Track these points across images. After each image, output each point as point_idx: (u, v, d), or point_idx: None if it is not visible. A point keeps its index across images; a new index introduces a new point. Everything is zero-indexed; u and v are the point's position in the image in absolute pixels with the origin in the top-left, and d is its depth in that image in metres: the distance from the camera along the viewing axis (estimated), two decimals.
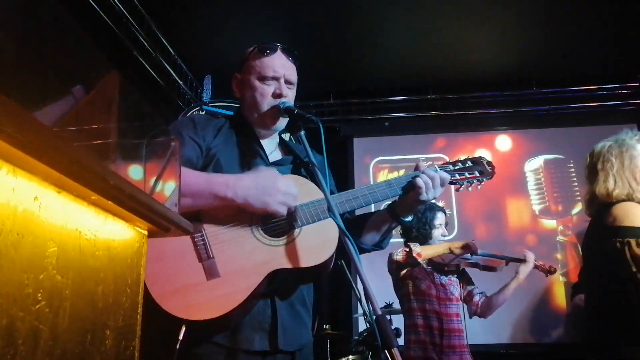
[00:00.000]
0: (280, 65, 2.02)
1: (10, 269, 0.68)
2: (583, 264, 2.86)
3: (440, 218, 4.01)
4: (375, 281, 1.51)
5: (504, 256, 4.02)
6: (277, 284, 1.81)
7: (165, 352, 1.58)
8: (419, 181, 1.92)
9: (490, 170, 2.19)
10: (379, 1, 5.16)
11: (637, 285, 2.31)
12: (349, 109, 6.91)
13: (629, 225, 2.41)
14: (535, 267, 4.01)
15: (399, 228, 4.19)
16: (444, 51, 6.07)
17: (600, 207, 2.62)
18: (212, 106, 5.95)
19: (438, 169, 2.03)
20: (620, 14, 5.33)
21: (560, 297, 6.13)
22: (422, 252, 3.67)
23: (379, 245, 2.15)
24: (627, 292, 2.36)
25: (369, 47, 5.94)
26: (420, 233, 3.95)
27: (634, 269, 2.31)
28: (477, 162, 2.20)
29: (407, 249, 3.71)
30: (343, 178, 6.53)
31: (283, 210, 1.75)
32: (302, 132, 1.89)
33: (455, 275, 3.94)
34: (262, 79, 2.01)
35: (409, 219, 2.06)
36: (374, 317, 1.40)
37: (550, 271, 4.09)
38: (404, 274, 3.84)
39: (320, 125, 1.79)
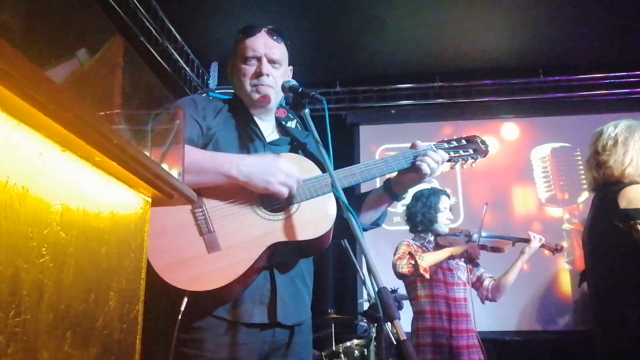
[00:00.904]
0: (261, 45, 2.04)
1: (15, 221, 0.69)
2: (588, 248, 2.84)
3: (444, 202, 4.00)
4: (380, 268, 1.53)
5: (511, 237, 4.03)
6: (277, 259, 1.83)
7: (167, 324, 1.60)
8: (424, 167, 1.96)
9: (484, 149, 2.20)
10: None
11: None
12: (355, 97, 6.91)
13: None
14: (542, 245, 3.99)
15: (403, 215, 4.23)
16: (451, 39, 6.05)
17: (609, 185, 2.61)
18: (218, 92, 5.96)
19: (434, 147, 2.05)
20: (628, 1, 5.30)
21: (565, 284, 6.12)
22: (428, 266, 3.66)
23: (376, 223, 2.18)
24: None
25: (375, 35, 5.92)
26: (425, 218, 3.95)
27: None
28: (471, 140, 2.21)
29: (413, 262, 3.69)
30: (349, 165, 6.52)
31: (284, 191, 1.77)
32: (307, 110, 1.90)
33: (463, 260, 3.94)
34: (244, 60, 2.04)
35: (405, 196, 2.09)
36: (376, 289, 1.41)
37: (556, 249, 4.05)
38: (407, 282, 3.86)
39: (325, 102, 1.81)
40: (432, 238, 3.98)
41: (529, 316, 6.05)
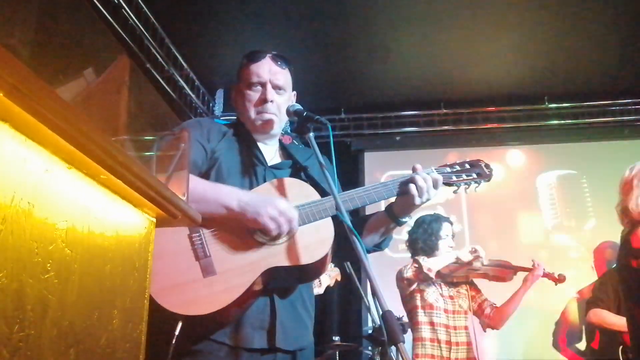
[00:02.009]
0: (265, 71, 2.06)
1: (21, 236, 0.70)
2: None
3: (446, 229, 3.97)
4: (385, 295, 1.52)
5: (513, 266, 3.99)
6: (276, 284, 1.83)
7: (163, 348, 1.60)
8: (412, 185, 1.94)
9: (488, 173, 2.17)
10: (391, 17, 5.20)
11: None
12: (360, 124, 6.93)
13: None
14: (545, 275, 3.96)
15: (405, 241, 4.21)
16: (456, 66, 6.08)
17: (632, 223, 2.68)
18: (223, 119, 6.00)
19: (434, 171, 2.04)
20: (633, 29, 5.34)
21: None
22: (433, 267, 3.65)
23: (378, 246, 2.16)
24: None
25: (380, 62, 5.96)
26: (426, 245, 3.93)
27: None
28: (474, 164, 2.19)
29: (417, 265, 3.69)
30: None
31: (273, 227, 1.74)
32: (311, 134, 1.91)
33: (465, 288, 3.92)
34: (249, 85, 2.07)
35: (407, 219, 2.07)
36: (381, 312, 1.41)
37: (559, 280, 4.02)
38: (412, 287, 3.82)
39: (329, 126, 1.82)
40: None
41: (536, 346, 5.98)
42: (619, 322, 4.13)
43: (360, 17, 5.25)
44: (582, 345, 5.90)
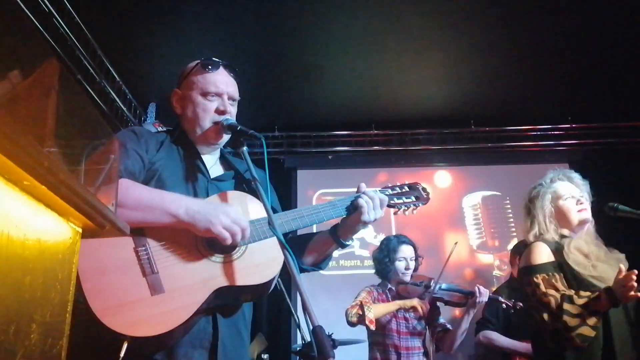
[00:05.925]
0: (223, 82, 2.05)
1: None
2: None
3: (404, 251, 4.01)
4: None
5: (464, 291, 3.93)
6: (220, 302, 1.78)
7: None
8: (361, 201, 1.96)
9: (425, 196, 2.26)
10: (325, 38, 5.26)
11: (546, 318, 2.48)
12: (293, 142, 6.97)
13: (528, 265, 2.65)
14: (500, 302, 3.89)
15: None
16: (387, 89, 6.21)
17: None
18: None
19: (377, 191, 2.07)
20: (554, 60, 5.61)
21: None
22: (374, 318, 3.70)
23: (318, 266, 2.15)
24: (539, 325, 2.54)
25: (314, 83, 6.01)
26: (381, 266, 4.00)
27: (538, 299, 2.51)
28: (413, 187, 2.26)
29: (361, 312, 3.73)
30: (286, 209, 6.50)
31: (226, 236, 1.71)
32: (245, 148, 1.90)
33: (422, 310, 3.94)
34: (205, 94, 2.03)
35: (350, 242, 2.08)
36: (311, 327, 1.40)
37: (516, 308, 3.79)
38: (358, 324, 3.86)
39: (263, 140, 1.82)
40: (394, 286, 4.01)
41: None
42: (508, 344, 4.23)
43: (295, 37, 5.28)
44: None
